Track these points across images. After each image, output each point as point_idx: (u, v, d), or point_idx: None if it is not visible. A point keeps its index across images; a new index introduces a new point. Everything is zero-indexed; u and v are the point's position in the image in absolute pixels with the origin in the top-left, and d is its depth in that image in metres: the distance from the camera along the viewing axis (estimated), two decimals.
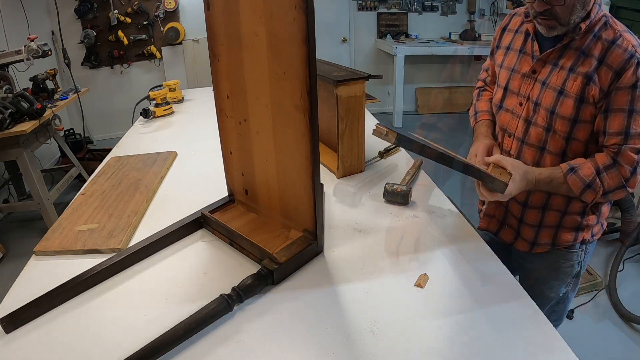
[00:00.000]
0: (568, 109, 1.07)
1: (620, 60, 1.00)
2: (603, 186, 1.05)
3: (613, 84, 1.01)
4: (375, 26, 5.49)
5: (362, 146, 1.55)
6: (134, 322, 0.91)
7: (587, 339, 2.09)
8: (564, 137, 1.10)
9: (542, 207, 1.21)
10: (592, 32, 1.05)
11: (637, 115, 1.01)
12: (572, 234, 1.22)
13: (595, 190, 1.06)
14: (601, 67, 1.02)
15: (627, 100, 1.00)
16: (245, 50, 1.06)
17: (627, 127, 1.02)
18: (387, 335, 0.85)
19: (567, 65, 1.07)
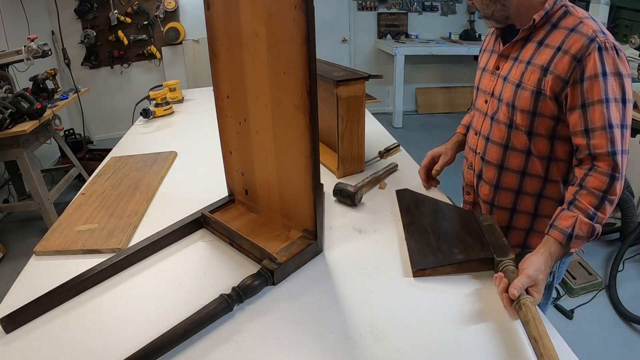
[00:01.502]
0: (526, 102, 1.05)
1: (579, 46, 0.97)
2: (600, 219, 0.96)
3: (575, 72, 0.97)
4: (375, 26, 5.49)
5: (362, 146, 1.55)
6: (134, 322, 0.91)
7: (587, 339, 2.09)
8: (526, 132, 1.08)
9: (510, 209, 1.19)
10: (551, 22, 1.04)
11: (612, 105, 0.95)
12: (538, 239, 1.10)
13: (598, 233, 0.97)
14: (559, 55, 0.99)
15: (602, 91, 0.95)
16: (245, 50, 1.06)
17: (608, 122, 0.95)
18: (387, 335, 0.85)
19: (526, 58, 1.06)
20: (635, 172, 2.92)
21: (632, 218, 2.67)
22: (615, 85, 0.96)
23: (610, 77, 0.95)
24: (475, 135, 1.22)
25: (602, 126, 0.96)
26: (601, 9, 1.85)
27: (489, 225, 1.10)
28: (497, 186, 1.18)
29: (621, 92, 0.97)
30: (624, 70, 0.97)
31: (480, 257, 1.01)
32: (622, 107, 0.97)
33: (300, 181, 1.05)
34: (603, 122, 0.96)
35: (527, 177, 1.13)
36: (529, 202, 1.15)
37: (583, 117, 0.98)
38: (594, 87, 0.95)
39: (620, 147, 0.96)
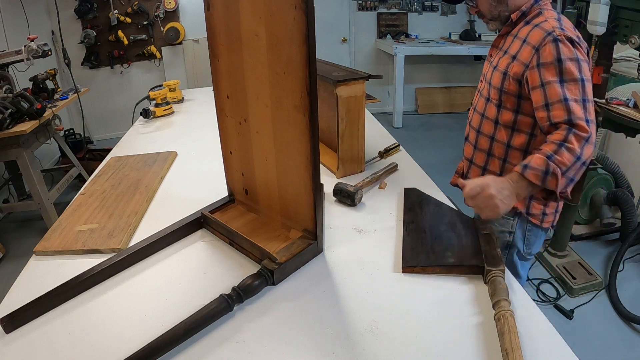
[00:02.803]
0: (497, 81, 1.29)
1: (538, 38, 1.17)
2: (560, 166, 1.08)
3: (533, 58, 1.17)
4: (375, 26, 5.49)
5: (362, 146, 1.55)
6: (134, 322, 0.91)
7: (587, 339, 2.09)
8: (496, 105, 1.31)
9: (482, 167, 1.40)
10: (525, 20, 1.26)
11: (569, 85, 1.13)
12: None
13: (555, 174, 1.08)
14: (524, 45, 1.21)
15: (556, 74, 1.14)
16: (245, 50, 1.06)
17: (563, 97, 1.12)
18: (387, 335, 0.85)
19: (505, 48, 1.29)
20: (635, 172, 2.92)
21: (632, 218, 2.67)
22: (572, 68, 1.13)
23: (566, 62, 1.14)
24: (474, 111, 1.44)
25: (558, 100, 1.13)
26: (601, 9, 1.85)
27: (486, 234, 1.11)
28: (475, 147, 1.41)
29: (579, 73, 1.13)
30: (581, 57, 1.15)
31: (471, 264, 1.01)
32: (581, 85, 1.13)
33: (300, 181, 1.05)
34: (559, 97, 1.13)
35: (495, 142, 1.35)
36: (496, 164, 1.36)
37: (543, 94, 1.16)
38: (550, 70, 1.15)
39: (580, 115, 1.11)
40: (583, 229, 2.91)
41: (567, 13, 2.16)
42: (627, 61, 2.71)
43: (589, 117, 1.12)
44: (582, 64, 1.15)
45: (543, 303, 2.34)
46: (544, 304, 2.33)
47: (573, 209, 2.43)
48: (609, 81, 2.33)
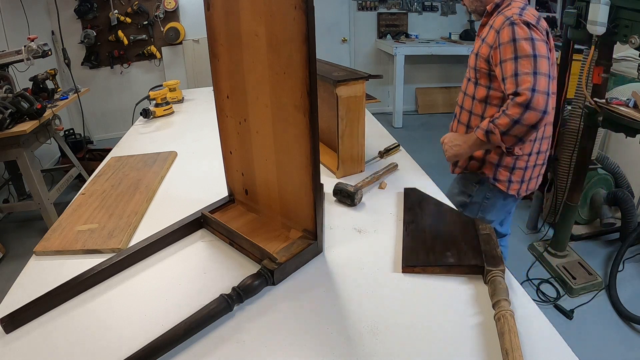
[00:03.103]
0: (472, 61, 1.54)
1: (500, 23, 1.40)
2: (498, 127, 1.35)
3: (495, 40, 1.39)
4: (375, 26, 5.49)
5: (362, 146, 1.55)
6: (134, 322, 0.91)
7: (587, 339, 2.09)
8: (473, 82, 1.55)
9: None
10: (497, 11, 1.47)
11: (521, 61, 1.32)
12: (478, 164, 1.61)
13: (495, 133, 1.37)
14: (491, 30, 1.44)
15: (511, 52, 1.34)
16: (245, 50, 1.06)
17: (515, 72, 1.33)
18: (387, 336, 0.85)
19: (483, 36, 1.50)
20: (635, 172, 2.92)
21: (632, 218, 2.67)
22: (525, 46, 1.32)
23: (520, 41, 1.33)
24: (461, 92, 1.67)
25: (511, 75, 1.34)
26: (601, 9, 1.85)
27: (486, 234, 1.11)
28: (459, 120, 1.64)
29: (532, 50, 1.32)
30: (536, 36, 1.34)
31: (470, 264, 1.01)
32: (534, 60, 1.31)
33: (300, 181, 1.05)
34: (512, 72, 1.33)
35: (472, 115, 1.58)
36: None
37: (501, 70, 1.38)
38: (507, 49, 1.36)
39: (527, 86, 1.29)
40: (583, 229, 2.91)
41: (567, 13, 2.16)
42: (627, 61, 2.71)
43: (537, 87, 1.29)
44: (537, 42, 1.33)
45: (543, 303, 2.34)
46: (544, 304, 2.33)
47: (573, 209, 2.43)
48: (609, 81, 2.33)
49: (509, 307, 0.87)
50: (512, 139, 1.36)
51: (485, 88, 1.50)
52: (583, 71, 2.37)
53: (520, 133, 1.34)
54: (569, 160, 2.59)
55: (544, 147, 1.60)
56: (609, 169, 2.88)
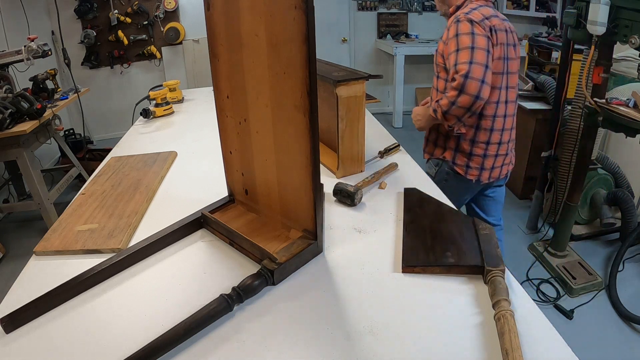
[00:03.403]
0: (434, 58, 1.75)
1: (450, 23, 1.62)
2: (441, 107, 1.59)
3: (445, 36, 1.61)
4: (375, 26, 5.49)
5: (362, 146, 1.55)
6: (134, 322, 0.91)
7: (587, 339, 2.09)
8: (436, 77, 1.76)
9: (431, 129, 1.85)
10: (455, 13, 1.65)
11: (461, 52, 1.52)
12: (441, 150, 1.82)
13: (438, 111, 1.61)
14: (445, 31, 1.63)
15: (455, 45, 1.55)
16: (245, 50, 1.06)
17: (455, 61, 1.53)
18: (387, 336, 0.85)
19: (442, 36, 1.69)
20: (635, 172, 2.92)
21: (632, 218, 2.67)
22: (465, 39, 1.52)
23: (461, 36, 1.53)
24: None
25: (453, 64, 1.54)
26: (601, 9, 1.85)
27: (486, 234, 1.11)
28: None
29: (471, 43, 1.51)
30: (477, 32, 1.52)
31: (470, 264, 1.01)
32: (471, 51, 1.51)
33: (300, 181, 1.05)
34: (454, 62, 1.54)
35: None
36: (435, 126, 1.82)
37: (448, 61, 1.58)
38: (452, 43, 1.56)
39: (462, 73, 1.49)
40: (583, 229, 2.91)
41: (567, 13, 2.16)
42: (627, 61, 2.71)
43: (470, 74, 1.49)
44: (477, 37, 1.52)
45: (543, 303, 2.34)
46: (544, 304, 2.33)
47: (573, 209, 2.43)
48: (609, 81, 2.33)
49: (509, 307, 0.87)
50: (452, 118, 1.59)
51: (444, 80, 1.70)
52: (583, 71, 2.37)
53: (458, 114, 1.56)
54: (569, 160, 2.59)
55: (505, 138, 1.74)
56: (609, 169, 2.88)
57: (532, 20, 5.51)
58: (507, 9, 5.44)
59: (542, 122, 3.06)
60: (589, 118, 2.13)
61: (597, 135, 2.31)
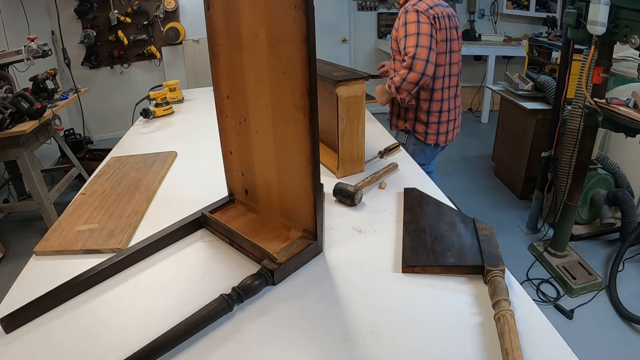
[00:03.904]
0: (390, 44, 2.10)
1: (400, 13, 1.95)
2: (394, 83, 1.94)
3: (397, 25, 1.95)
4: (375, 26, 5.49)
5: (362, 146, 1.55)
6: (134, 322, 0.91)
7: (587, 339, 2.09)
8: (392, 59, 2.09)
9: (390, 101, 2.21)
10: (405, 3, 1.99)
11: (409, 38, 1.88)
12: (403, 122, 2.20)
13: (392, 86, 1.97)
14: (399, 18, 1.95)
15: (404, 32, 1.89)
16: (245, 50, 1.06)
17: (405, 45, 1.88)
18: (387, 336, 0.85)
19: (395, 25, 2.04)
20: (635, 172, 2.92)
21: (632, 218, 2.67)
22: (412, 27, 1.87)
23: (409, 24, 1.88)
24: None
25: (403, 48, 1.90)
26: (601, 9, 1.85)
27: (486, 234, 1.11)
28: None
29: (416, 29, 1.85)
30: (422, 20, 1.86)
31: (470, 264, 1.01)
32: (417, 37, 1.85)
33: (300, 181, 1.05)
34: (403, 46, 1.90)
35: None
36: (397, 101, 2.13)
37: (399, 45, 1.95)
38: (401, 31, 1.91)
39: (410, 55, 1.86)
40: (583, 229, 2.91)
41: (567, 13, 2.16)
42: (627, 61, 2.71)
43: (416, 55, 1.84)
44: (421, 25, 1.85)
45: (543, 303, 2.34)
46: (544, 304, 2.33)
47: (573, 209, 2.43)
48: (609, 81, 2.33)
49: (509, 307, 0.87)
50: (403, 92, 1.95)
51: (399, 61, 2.02)
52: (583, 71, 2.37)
53: (408, 88, 1.92)
54: (569, 160, 2.59)
55: (452, 105, 2.15)
56: (609, 169, 2.88)
57: (532, 20, 5.52)
58: (507, 8, 5.44)
59: (542, 122, 3.06)
60: (589, 118, 2.13)
61: (597, 135, 2.31)
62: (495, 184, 3.76)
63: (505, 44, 5.17)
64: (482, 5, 5.51)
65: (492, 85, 3.93)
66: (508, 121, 3.61)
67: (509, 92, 3.46)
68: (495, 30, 5.55)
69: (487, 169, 4.01)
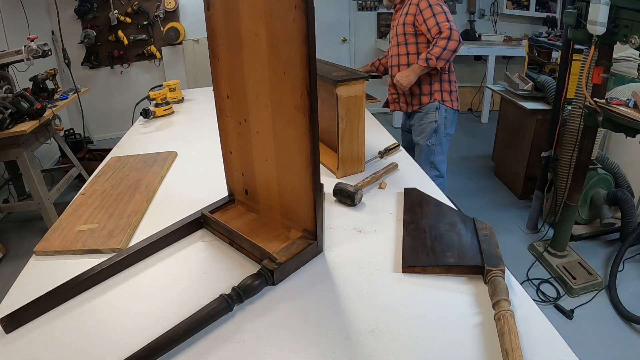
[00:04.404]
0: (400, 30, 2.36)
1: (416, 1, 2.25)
2: (433, 55, 2.19)
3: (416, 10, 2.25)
4: (375, 26, 5.49)
5: (362, 146, 1.55)
6: (134, 322, 0.91)
7: (587, 339, 2.09)
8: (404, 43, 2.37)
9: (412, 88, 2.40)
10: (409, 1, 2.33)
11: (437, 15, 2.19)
12: (428, 98, 2.40)
13: (432, 58, 2.21)
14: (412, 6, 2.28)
15: (430, 12, 2.20)
16: (245, 50, 1.06)
17: (436, 22, 2.18)
18: (387, 336, 0.85)
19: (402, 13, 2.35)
20: (635, 172, 2.92)
21: (632, 218, 2.67)
22: (437, 7, 2.19)
23: (433, 6, 2.19)
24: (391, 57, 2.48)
25: (434, 24, 2.20)
26: (601, 9, 1.85)
27: (486, 234, 1.11)
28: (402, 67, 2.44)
29: (442, 8, 2.19)
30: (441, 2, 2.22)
31: (470, 264, 1.01)
32: (445, 14, 2.18)
33: (300, 181, 1.05)
34: (434, 23, 2.19)
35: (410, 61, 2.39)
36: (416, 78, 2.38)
37: (426, 25, 2.22)
38: (427, 11, 2.20)
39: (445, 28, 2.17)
40: (583, 229, 2.91)
41: (567, 13, 2.16)
42: (627, 61, 2.71)
43: (452, 27, 2.16)
44: (442, 5, 2.21)
45: (543, 303, 2.34)
46: (544, 304, 2.33)
47: (573, 209, 2.43)
48: (609, 81, 2.33)
49: (509, 307, 0.87)
50: (442, 62, 2.20)
51: (414, 44, 2.35)
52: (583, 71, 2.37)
53: (446, 56, 2.19)
54: (569, 160, 2.59)
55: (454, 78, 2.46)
56: (609, 169, 2.88)
57: (532, 20, 5.52)
58: (507, 8, 5.44)
59: (542, 122, 3.06)
60: (589, 118, 2.13)
61: (597, 135, 2.31)
62: (495, 184, 3.76)
63: (505, 44, 5.17)
64: (482, 5, 5.51)
65: (492, 85, 3.93)
66: (508, 121, 3.61)
67: (509, 92, 3.46)
68: (495, 30, 5.55)
69: (487, 169, 4.01)
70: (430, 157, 2.46)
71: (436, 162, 2.47)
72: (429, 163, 2.47)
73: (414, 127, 2.51)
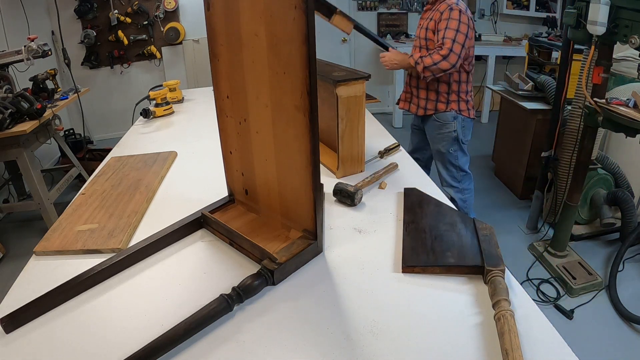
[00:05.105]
0: (422, 34, 2.32)
1: (443, 8, 2.19)
2: (424, 62, 2.17)
3: (439, 18, 2.19)
4: (376, 26, 5.49)
5: (362, 146, 1.55)
6: (134, 322, 0.91)
7: (587, 339, 2.09)
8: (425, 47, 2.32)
9: (425, 88, 2.39)
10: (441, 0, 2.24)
11: (448, 31, 2.14)
12: (444, 105, 2.39)
13: (420, 64, 2.19)
14: (436, 12, 2.22)
15: (446, 24, 2.15)
16: (245, 50, 1.06)
17: (444, 35, 2.15)
18: (387, 336, 0.85)
19: (429, 16, 2.28)
20: (635, 172, 2.92)
21: (632, 218, 2.67)
22: (454, 23, 2.14)
23: (451, 20, 2.15)
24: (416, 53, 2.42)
25: (442, 37, 2.16)
26: (601, 9, 1.85)
27: (486, 234, 1.11)
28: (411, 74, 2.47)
29: (457, 27, 2.14)
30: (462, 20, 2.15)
31: (470, 264, 1.01)
32: (455, 33, 2.13)
33: (300, 181, 1.05)
34: (442, 35, 2.16)
35: None
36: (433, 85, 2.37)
37: (438, 34, 2.20)
38: (443, 23, 2.17)
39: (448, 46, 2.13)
40: (583, 229, 2.91)
41: (567, 13, 2.16)
42: (627, 61, 2.71)
43: (453, 49, 2.13)
44: (461, 25, 2.14)
45: (543, 303, 2.34)
46: (544, 304, 2.33)
47: (573, 209, 2.43)
48: (609, 81, 2.33)
49: (509, 307, 0.87)
50: (429, 73, 2.20)
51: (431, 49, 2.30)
52: (583, 71, 2.37)
53: (434, 71, 2.18)
54: (569, 160, 2.59)
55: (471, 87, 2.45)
56: (609, 169, 2.88)
57: (532, 20, 5.51)
58: (507, 9, 5.44)
59: (542, 122, 3.06)
60: (589, 118, 2.13)
61: (597, 135, 2.31)
62: (495, 184, 3.76)
63: (505, 44, 5.17)
64: (482, 5, 5.51)
65: (492, 85, 3.93)
66: (508, 121, 3.61)
67: (509, 92, 3.46)
68: (495, 30, 5.55)
69: (487, 169, 4.01)
70: (455, 162, 2.51)
71: (460, 164, 2.52)
72: (454, 167, 2.52)
73: (430, 135, 2.51)
